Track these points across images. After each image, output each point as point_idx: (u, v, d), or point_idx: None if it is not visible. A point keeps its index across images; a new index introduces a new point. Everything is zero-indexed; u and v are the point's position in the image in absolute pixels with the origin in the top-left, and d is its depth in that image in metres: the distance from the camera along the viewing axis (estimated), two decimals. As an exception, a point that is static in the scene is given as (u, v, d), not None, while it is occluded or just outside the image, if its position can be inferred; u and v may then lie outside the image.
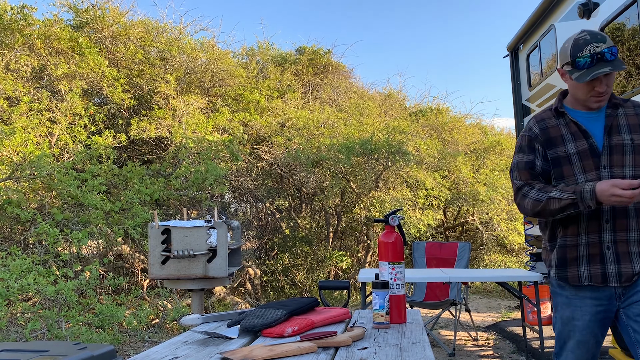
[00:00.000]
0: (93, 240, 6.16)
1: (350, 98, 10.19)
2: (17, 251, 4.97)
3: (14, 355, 1.18)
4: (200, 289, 3.51)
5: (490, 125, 13.34)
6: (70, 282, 4.76)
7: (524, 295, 4.56)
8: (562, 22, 4.57)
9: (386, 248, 1.79)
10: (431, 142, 9.07)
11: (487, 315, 6.65)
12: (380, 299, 1.68)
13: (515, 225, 8.99)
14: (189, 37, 8.47)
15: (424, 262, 5.57)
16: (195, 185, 6.45)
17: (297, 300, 1.81)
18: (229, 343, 1.53)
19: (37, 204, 5.72)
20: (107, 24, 7.53)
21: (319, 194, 8.24)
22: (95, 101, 7.54)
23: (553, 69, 4.83)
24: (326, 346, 1.45)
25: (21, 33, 6.49)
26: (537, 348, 4.38)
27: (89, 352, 1.18)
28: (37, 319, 4.45)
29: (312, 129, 8.07)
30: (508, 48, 5.91)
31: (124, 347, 4.83)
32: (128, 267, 6.72)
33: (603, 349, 4.44)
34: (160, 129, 6.82)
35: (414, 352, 1.39)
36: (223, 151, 7.00)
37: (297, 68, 9.78)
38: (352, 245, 9.11)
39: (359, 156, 7.77)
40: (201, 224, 3.39)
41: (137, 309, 5.41)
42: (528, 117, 5.61)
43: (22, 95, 6.16)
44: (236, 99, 8.31)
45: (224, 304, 6.75)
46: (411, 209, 8.11)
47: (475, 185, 8.92)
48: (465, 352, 4.80)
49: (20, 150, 5.52)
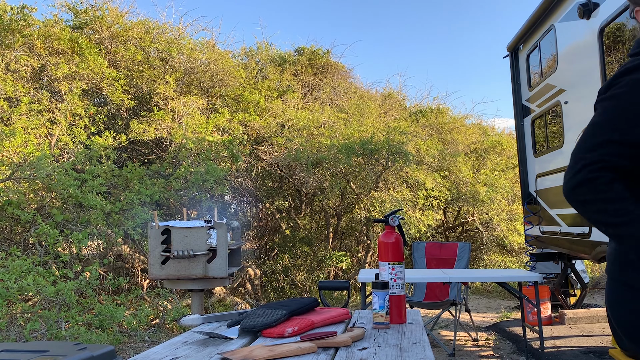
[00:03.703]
0: (93, 240, 6.17)
1: (350, 98, 10.18)
2: (17, 252, 4.97)
3: (13, 356, 1.18)
4: (200, 289, 3.51)
5: (490, 125, 13.34)
6: (70, 282, 4.76)
7: (524, 295, 4.56)
8: (562, 22, 4.57)
9: (386, 248, 1.79)
10: (431, 142, 9.07)
11: (487, 315, 6.65)
12: (380, 299, 1.68)
13: (515, 225, 9.00)
14: (189, 38, 8.48)
15: (424, 262, 5.57)
16: (195, 185, 6.45)
17: (297, 301, 1.81)
18: (229, 343, 1.53)
19: (37, 204, 5.72)
20: (106, 25, 7.53)
21: (319, 194, 8.24)
22: (95, 102, 7.55)
23: (553, 69, 4.83)
24: (326, 346, 1.45)
25: (21, 33, 6.49)
26: (537, 348, 4.38)
27: (89, 352, 1.18)
28: (36, 320, 4.45)
29: (312, 129, 8.07)
30: (508, 48, 5.91)
31: (124, 347, 4.83)
32: (128, 268, 6.72)
33: (603, 349, 4.45)
34: (160, 130, 6.82)
35: (414, 353, 1.39)
36: (223, 152, 7.00)
37: (296, 68, 9.78)
38: (352, 246, 9.11)
39: (359, 157, 7.77)
40: (201, 224, 3.39)
41: (137, 309, 5.41)
42: (528, 117, 5.61)
43: (22, 95, 6.16)
44: (236, 99, 8.31)
45: (224, 304, 6.75)
46: (411, 210, 8.11)
47: (475, 186, 8.92)
48: (465, 353, 4.79)
49: (20, 151, 5.52)
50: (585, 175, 1.40)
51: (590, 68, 3.96)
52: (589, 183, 1.40)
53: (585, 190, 1.41)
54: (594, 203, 1.40)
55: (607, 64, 3.80)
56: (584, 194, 1.41)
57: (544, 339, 4.27)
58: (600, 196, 1.39)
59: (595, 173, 1.39)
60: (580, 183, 1.41)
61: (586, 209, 1.44)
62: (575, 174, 1.43)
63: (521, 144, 5.78)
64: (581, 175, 1.41)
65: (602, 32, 3.81)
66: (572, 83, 4.45)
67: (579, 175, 1.41)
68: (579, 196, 1.42)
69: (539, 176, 5.34)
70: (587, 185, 1.40)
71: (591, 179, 1.39)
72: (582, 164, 1.42)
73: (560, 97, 4.67)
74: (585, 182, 1.40)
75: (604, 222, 1.42)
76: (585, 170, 1.40)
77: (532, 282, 4.36)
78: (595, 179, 1.39)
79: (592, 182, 1.39)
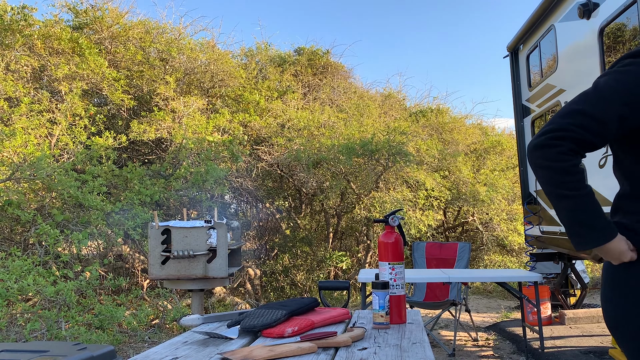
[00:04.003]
0: (93, 240, 6.17)
1: (350, 98, 10.18)
2: (17, 252, 4.97)
3: (14, 356, 1.18)
4: (200, 289, 3.51)
5: (490, 125, 13.35)
6: (70, 282, 4.76)
7: (524, 295, 4.56)
8: (562, 22, 4.57)
9: (386, 248, 1.79)
10: (431, 142, 9.08)
11: (487, 315, 6.65)
12: (380, 299, 1.68)
13: (515, 225, 9.00)
14: (189, 38, 8.48)
15: (424, 262, 5.57)
16: (195, 185, 6.45)
17: (297, 301, 1.81)
18: (229, 343, 1.53)
19: (37, 204, 5.72)
20: (106, 25, 7.53)
21: (319, 194, 8.24)
22: (95, 102, 7.55)
23: (553, 69, 4.83)
24: (326, 346, 1.45)
25: (21, 33, 6.49)
26: (537, 348, 4.38)
27: (89, 352, 1.18)
28: (36, 320, 4.45)
29: (313, 130, 8.07)
30: (508, 48, 5.91)
31: (124, 347, 4.83)
32: (128, 268, 6.72)
33: (603, 349, 4.45)
34: (160, 131, 6.83)
35: (414, 353, 1.39)
36: (223, 152, 7.00)
37: (296, 69, 9.78)
38: (352, 246, 9.11)
39: (359, 157, 7.77)
40: (201, 224, 3.39)
41: (137, 309, 5.41)
42: (528, 117, 5.61)
43: (22, 96, 6.17)
44: (236, 99, 8.31)
45: (224, 304, 6.75)
46: (411, 210, 8.11)
47: (475, 186, 8.92)
48: (465, 353, 4.79)
49: (20, 151, 5.52)
50: (545, 140, 1.39)
51: (591, 68, 3.96)
52: (545, 148, 1.39)
53: (538, 154, 1.40)
54: (544, 169, 1.39)
55: (607, 64, 3.80)
56: (537, 157, 1.40)
57: (544, 339, 4.27)
58: (551, 164, 1.38)
59: (555, 141, 1.38)
60: (537, 146, 1.40)
61: (537, 173, 1.43)
62: (539, 135, 1.42)
63: (521, 144, 5.78)
64: (542, 139, 1.40)
65: (602, 32, 3.81)
66: (572, 83, 4.45)
67: (540, 139, 1.40)
68: (534, 158, 1.42)
69: (539, 176, 5.33)
70: (542, 150, 1.39)
71: (549, 145, 1.38)
72: (548, 128, 1.41)
73: (560, 97, 4.67)
74: (542, 146, 1.39)
75: (549, 191, 1.42)
76: (548, 135, 1.39)
77: (532, 282, 4.36)
78: (552, 146, 1.38)
79: (548, 148, 1.38)
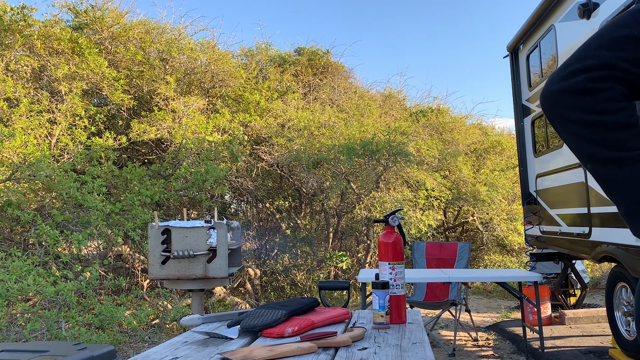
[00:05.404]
0: (93, 241, 6.17)
1: (351, 98, 10.19)
2: (17, 252, 4.97)
3: (14, 356, 1.18)
4: (200, 289, 3.51)
5: (490, 125, 13.35)
6: (70, 282, 4.76)
7: (524, 295, 4.56)
8: (562, 22, 4.57)
9: (386, 248, 1.79)
10: (432, 142, 9.08)
11: (487, 315, 6.65)
12: (380, 299, 1.68)
13: (515, 225, 9.00)
14: (189, 38, 8.49)
15: (424, 262, 5.57)
16: (196, 185, 6.45)
17: (297, 301, 1.81)
18: (229, 343, 1.53)
19: (37, 205, 5.72)
20: (106, 25, 7.53)
21: (319, 194, 8.24)
22: (95, 102, 7.55)
23: (553, 69, 4.83)
24: (326, 346, 1.45)
25: (21, 34, 6.49)
26: (537, 348, 4.38)
27: (89, 352, 1.18)
28: (36, 320, 4.45)
29: (313, 130, 8.07)
30: (508, 48, 5.91)
31: (124, 347, 4.83)
32: (128, 268, 6.72)
33: (603, 349, 4.45)
34: (160, 131, 6.83)
35: (414, 353, 1.39)
36: (223, 152, 7.01)
37: (296, 69, 9.78)
38: (352, 246, 9.11)
39: (360, 157, 7.78)
40: (201, 224, 3.39)
41: (137, 309, 5.41)
42: (528, 117, 5.61)
43: (22, 96, 6.17)
44: (236, 99, 8.32)
45: (224, 304, 6.75)
46: (411, 210, 8.11)
47: (475, 186, 8.92)
48: (466, 353, 4.79)
49: (20, 152, 5.52)
50: (583, 82, 0.92)
51: (590, 68, 3.95)
52: (586, 95, 0.91)
53: (575, 102, 0.92)
54: (587, 126, 0.92)
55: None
56: (571, 107, 0.92)
57: (544, 339, 4.27)
58: (602, 118, 0.90)
59: (599, 83, 0.91)
60: (572, 90, 0.92)
61: (567, 128, 0.95)
62: (568, 75, 0.93)
63: (521, 144, 5.78)
64: (578, 79, 0.92)
65: (602, 32, 3.80)
66: (572, 83, 4.44)
67: (574, 80, 0.92)
68: (563, 108, 0.94)
69: (539, 176, 5.34)
70: (581, 98, 0.92)
71: (590, 90, 0.91)
72: (583, 65, 0.93)
73: (560, 97, 4.66)
74: (580, 92, 0.92)
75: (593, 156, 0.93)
76: (586, 74, 0.92)
77: (532, 282, 4.36)
78: (597, 91, 0.91)
79: (590, 94, 0.91)
